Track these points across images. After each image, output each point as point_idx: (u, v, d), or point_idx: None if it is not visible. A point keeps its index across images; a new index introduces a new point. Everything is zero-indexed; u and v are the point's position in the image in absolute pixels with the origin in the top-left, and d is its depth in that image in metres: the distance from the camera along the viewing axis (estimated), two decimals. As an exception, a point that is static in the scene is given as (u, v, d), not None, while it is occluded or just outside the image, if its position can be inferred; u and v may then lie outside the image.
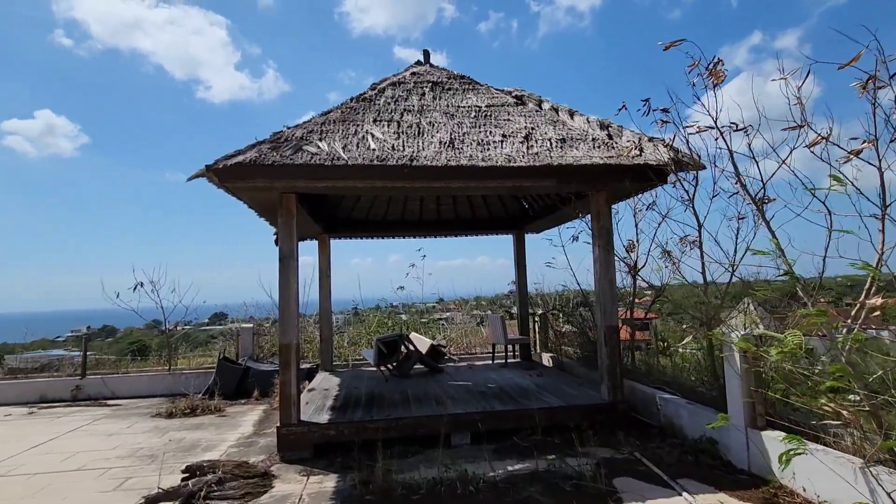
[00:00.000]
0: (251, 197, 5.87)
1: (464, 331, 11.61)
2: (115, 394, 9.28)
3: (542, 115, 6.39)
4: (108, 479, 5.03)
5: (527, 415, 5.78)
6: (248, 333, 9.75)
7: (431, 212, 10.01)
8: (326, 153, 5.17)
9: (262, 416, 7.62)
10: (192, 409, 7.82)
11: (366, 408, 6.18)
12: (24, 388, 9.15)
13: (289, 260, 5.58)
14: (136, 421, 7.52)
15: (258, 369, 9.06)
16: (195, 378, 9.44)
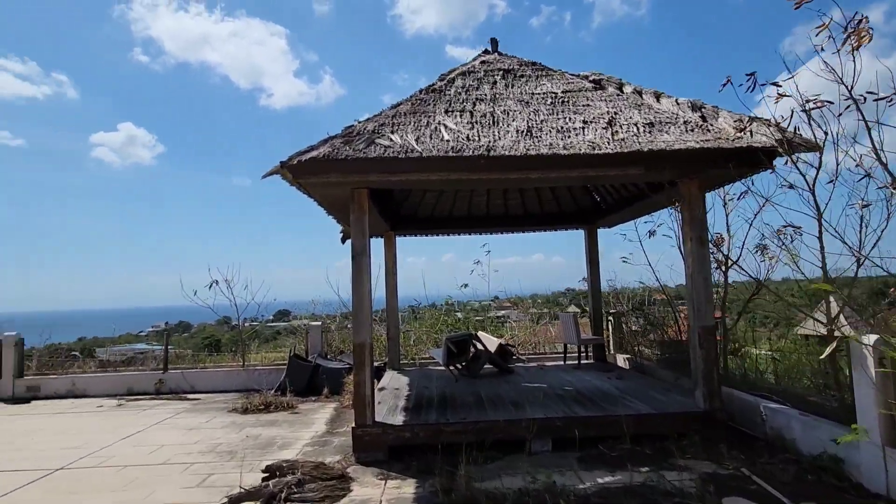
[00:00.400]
0: (323, 194, 5.80)
1: (532, 330, 11.21)
2: (193, 388, 9.63)
3: (625, 99, 5.92)
4: (192, 474, 5.09)
5: (613, 421, 5.36)
6: (317, 331, 9.84)
7: (498, 207, 9.70)
8: (399, 146, 4.99)
9: (334, 414, 7.60)
10: (266, 406, 7.94)
11: (439, 409, 5.97)
12: (114, 381, 9.67)
13: (361, 257, 5.45)
14: (214, 416, 7.71)
15: (328, 367, 9.10)
16: (267, 374, 9.63)
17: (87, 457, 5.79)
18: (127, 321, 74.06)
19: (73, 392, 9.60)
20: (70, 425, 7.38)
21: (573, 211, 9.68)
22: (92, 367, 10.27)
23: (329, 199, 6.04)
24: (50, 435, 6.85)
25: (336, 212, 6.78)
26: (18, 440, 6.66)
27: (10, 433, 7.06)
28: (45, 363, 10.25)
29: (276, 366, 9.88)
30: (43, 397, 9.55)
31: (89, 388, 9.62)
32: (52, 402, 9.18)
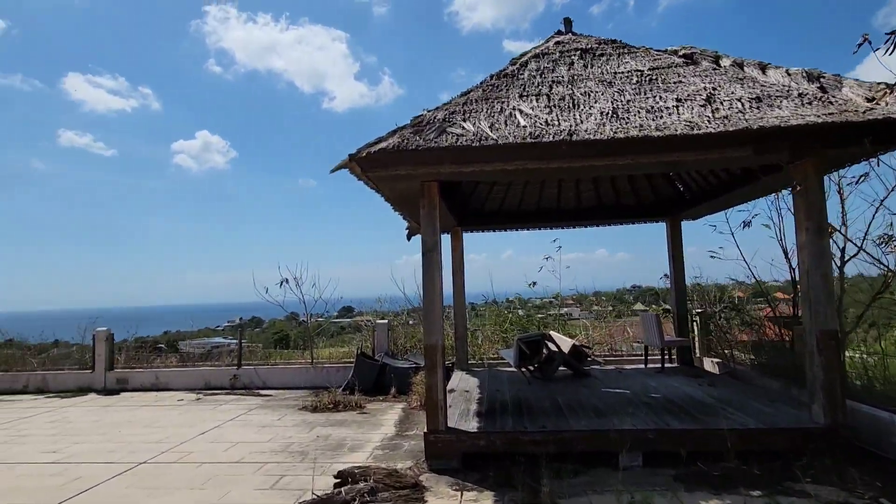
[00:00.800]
0: (391, 188, 5.58)
1: (608, 330, 10.55)
2: (265, 384, 9.81)
3: (723, 73, 5.27)
4: (264, 475, 5.02)
5: (713, 436, 4.77)
6: (383, 329, 9.73)
7: (570, 200, 9.16)
8: (472, 134, 4.65)
9: (402, 415, 7.41)
10: (335, 405, 7.88)
11: (514, 415, 5.60)
12: (193, 376, 10.03)
13: (432, 253, 5.18)
14: (285, 413, 7.74)
15: (395, 366, 8.95)
16: (335, 372, 9.64)
17: (168, 451, 5.90)
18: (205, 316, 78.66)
19: (156, 385, 10.05)
20: (154, 418, 7.66)
21: (653, 202, 8.96)
22: (173, 362, 10.74)
23: (398, 193, 5.81)
24: (136, 428, 7.11)
25: (404, 207, 6.55)
26: (109, 432, 6.95)
27: (101, 425, 7.40)
28: (132, 357, 10.83)
29: (344, 363, 9.87)
30: (131, 389, 10.07)
31: (171, 382, 10.04)
32: (138, 395, 9.65)
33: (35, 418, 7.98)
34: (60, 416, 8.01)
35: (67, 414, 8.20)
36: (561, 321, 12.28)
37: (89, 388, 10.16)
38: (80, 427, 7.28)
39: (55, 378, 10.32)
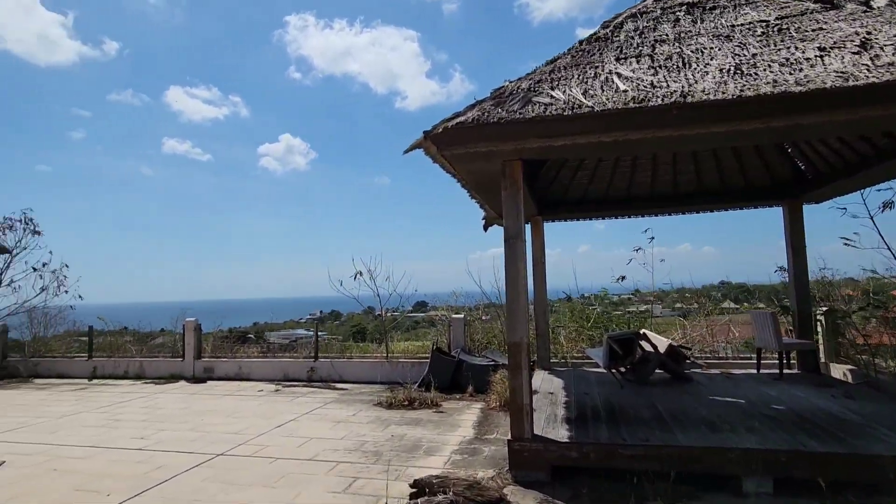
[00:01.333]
0: (469, 169, 5.08)
1: (710, 329, 9.44)
2: (341, 377, 9.73)
3: (877, 16, 4.26)
4: (338, 476, 4.75)
5: (867, 463, 3.86)
6: (460, 324, 9.31)
7: (665, 183, 8.21)
8: (563, 102, 4.05)
9: (481, 416, 6.94)
10: (409, 402, 7.57)
11: (609, 424, 4.94)
12: (273, 367, 10.18)
13: (515, 241, 4.63)
14: (360, 409, 7.53)
15: (472, 363, 8.50)
16: (410, 367, 9.36)
17: (244, 444, 5.83)
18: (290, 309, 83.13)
19: (239, 374, 10.31)
20: (234, 408, 7.74)
21: (767, 184, 7.81)
22: (255, 352, 10.99)
23: (476, 176, 5.31)
24: (217, 417, 7.19)
25: (483, 193, 6.05)
26: (193, 420, 7.07)
27: (187, 413, 7.58)
28: (218, 346, 11.22)
29: (419, 359, 9.57)
30: (216, 378, 10.41)
31: (252, 372, 10.25)
32: (222, 384, 9.93)
33: (131, 403, 8.37)
34: (152, 403, 8.34)
35: (158, 400, 8.53)
36: (641, 318, 11.28)
37: (180, 375, 10.63)
38: (168, 413, 7.49)
39: (150, 365, 10.90)
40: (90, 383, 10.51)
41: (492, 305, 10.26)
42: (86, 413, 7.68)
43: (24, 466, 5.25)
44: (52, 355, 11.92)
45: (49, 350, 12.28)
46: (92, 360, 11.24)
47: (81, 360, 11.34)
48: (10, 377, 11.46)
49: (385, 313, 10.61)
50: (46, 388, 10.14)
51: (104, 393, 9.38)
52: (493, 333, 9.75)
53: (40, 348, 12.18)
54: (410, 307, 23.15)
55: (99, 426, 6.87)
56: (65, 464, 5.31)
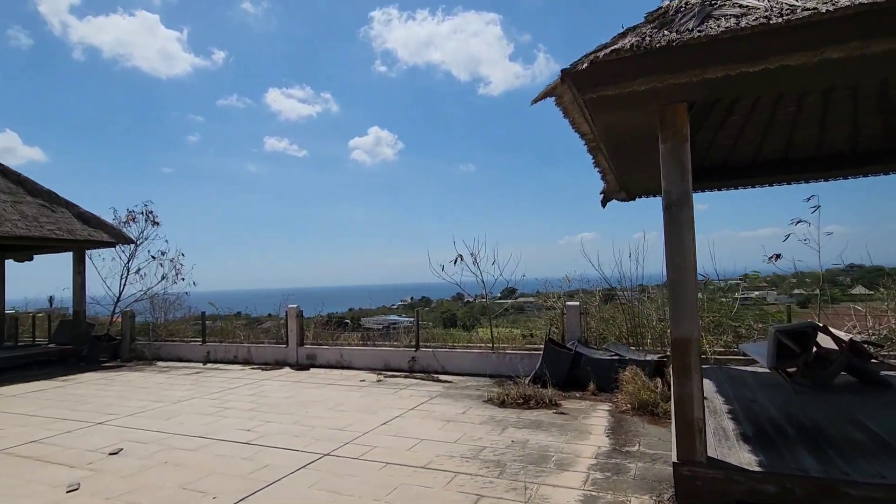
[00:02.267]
0: (609, 122, 4.08)
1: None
2: (444, 368, 9.13)
3: None
4: (458, 491, 4.03)
5: None
6: (575, 313, 8.28)
7: (838, 141, 6.56)
8: (765, 10, 2.92)
9: (612, 421, 5.93)
10: (524, 399, 6.74)
11: (808, 446, 3.75)
12: (374, 356, 9.82)
13: (680, 208, 3.59)
14: (470, 405, 6.83)
15: (593, 357, 7.47)
16: (518, 359, 8.53)
17: (351, 444, 5.33)
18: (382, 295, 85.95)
19: (340, 363, 10.08)
20: (338, 400, 7.38)
21: None
22: (355, 340, 10.74)
23: (616, 130, 4.28)
24: (321, 410, 6.84)
25: (620, 152, 4.98)
26: (298, 412, 6.78)
27: (292, 403, 7.34)
28: (319, 333, 11.12)
29: (528, 350, 8.70)
30: (318, 365, 10.27)
31: (353, 361, 9.97)
32: (324, 371, 9.75)
33: (239, 390, 8.35)
34: (258, 390, 8.26)
35: (265, 388, 8.44)
36: (757, 306, 9.51)
37: (284, 361, 10.65)
38: (273, 403, 7.29)
39: (257, 350, 11.04)
40: (203, 367, 10.84)
41: (611, 291, 9.05)
42: (198, 399, 7.71)
43: (139, 457, 5.13)
44: (171, 340, 12.57)
45: (169, 334, 12.99)
46: (206, 345, 11.64)
47: (196, 344, 11.80)
48: (137, 359, 12.22)
49: (485, 300, 9.83)
50: (166, 371, 10.59)
51: (215, 378, 9.54)
52: (614, 323, 8.61)
53: (161, 333, 12.90)
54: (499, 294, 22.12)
55: (209, 413, 6.79)
56: (175, 456, 5.12)
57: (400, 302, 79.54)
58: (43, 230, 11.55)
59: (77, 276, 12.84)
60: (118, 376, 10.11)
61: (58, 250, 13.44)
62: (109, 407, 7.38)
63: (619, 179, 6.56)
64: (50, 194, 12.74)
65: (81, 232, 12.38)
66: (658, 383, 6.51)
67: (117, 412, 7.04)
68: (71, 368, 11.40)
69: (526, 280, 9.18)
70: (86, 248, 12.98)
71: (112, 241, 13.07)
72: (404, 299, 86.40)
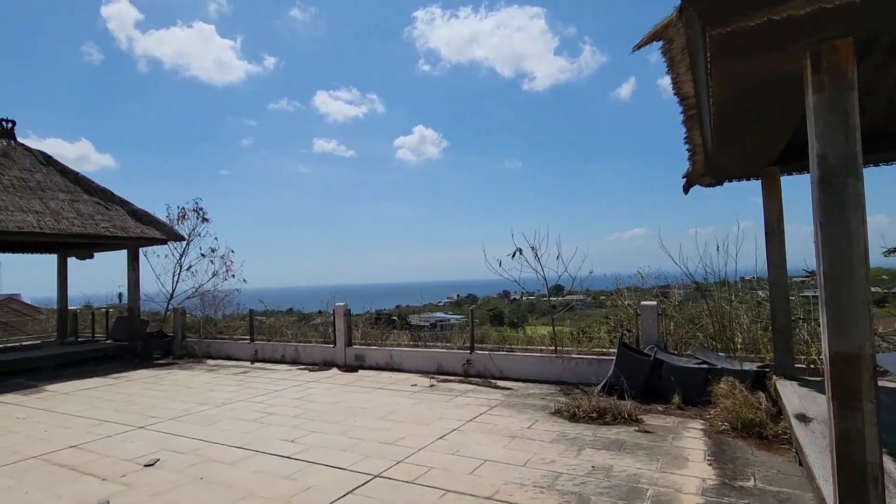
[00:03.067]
0: (736, 71, 3.16)
1: None
2: (502, 373, 8.36)
3: None
4: (538, 537, 3.27)
5: None
6: (652, 313, 7.30)
7: None
8: None
9: (710, 444, 4.98)
10: (599, 413, 5.88)
11: None
12: (425, 358, 9.17)
13: (843, 180, 2.68)
14: (535, 418, 6.03)
15: (676, 365, 6.51)
16: (586, 365, 7.64)
17: (404, 462, 4.67)
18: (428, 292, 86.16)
19: (390, 364, 9.50)
20: (388, 408, 6.76)
21: None
22: (405, 340, 10.13)
23: (743, 81, 3.33)
24: (370, 419, 6.24)
25: (737, 116, 4.00)
26: (345, 420, 6.21)
27: (338, 410, 6.79)
28: (368, 333, 10.59)
29: (597, 356, 7.80)
30: (367, 367, 9.74)
31: (404, 363, 9.37)
32: (373, 374, 9.19)
33: (284, 392, 7.90)
34: (304, 394, 7.77)
35: (311, 391, 7.95)
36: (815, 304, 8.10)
37: (332, 362, 10.19)
38: (319, 409, 6.76)
39: (305, 350, 10.65)
40: (251, 367, 10.56)
41: (698, 287, 7.93)
42: (242, 402, 7.30)
43: (175, 469, 4.67)
44: (220, 337, 12.43)
45: (219, 332, 12.87)
46: (253, 344, 11.38)
47: (244, 342, 11.56)
48: (188, 356, 12.15)
49: (546, 297, 8.97)
50: (215, 369, 10.37)
51: (262, 378, 9.18)
52: (696, 325, 7.57)
53: (211, 330, 12.79)
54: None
55: (252, 420, 6.32)
56: (212, 470, 4.62)
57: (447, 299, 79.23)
58: (98, 227, 11.63)
59: (131, 273, 12.93)
60: (168, 375, 9.95)
61: (114, 248, 13.61)
62: (154, 409, 7.08)
63: (713, 158, 5.57)
64: (105, 192, 12.88)
65: (134, 229, 12.42)
66: (761, 398, 5.50)
67: (161, 415, 6.71)
68: (126, 365, 11.42)
69: (591, 277, 8.24)
70: (139, 245, 13.05)
71: (164, 238, 13.08)
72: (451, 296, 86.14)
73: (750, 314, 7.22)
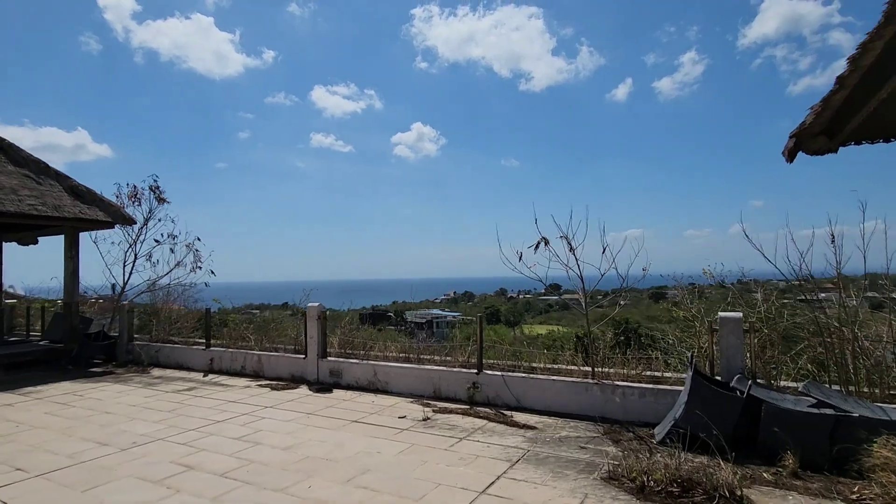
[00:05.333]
0: None
1: None
2: (520, 402, 6.31)
3: None
4: None
5: None
6: (736, 329, 5.22)
7: None
8: None
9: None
10: (683, 487, 3.83)
11: None
12: (419, 377, 7.11)
13: None
14: (584, 490, 3.98)
15: (783, 408, 4.45)
16: (637, 397, 5.62)
17: None
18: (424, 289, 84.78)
19: (374, 384, 7.44)
20: (362, 461, 4.70)
21: None
22: (395, 352, 8.05)
23: None
24: (332, 486, 4.17)
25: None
26: (294, 487, 4.15)
27: (291, 462, 4.73)
28: (348, 341, 8.50)
29: (651, 383, 5.76)
30: (344, 385, 7.68)
31: (391, 383, 7.30)
32: (351, 396, 7.13)
33: (227, 425, 5.84)
34: (253, 429, 5.70)
35: (263, 424, 5.89)
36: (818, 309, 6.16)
37: (301, 377, 8.12)
38: (265, 460, 4.69)
39: (269, 361, 8.57)
40: (203, 380, 8.48)
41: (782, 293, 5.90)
42: (161, 443, 5.23)
43: None
44: (173, 341, 10.33)
45: (173, 333, 10.76)
46: (209, 351, 9.29)
47: (200, 348, 9.47)
48: (133, 363, 10.06)
49: (582, 297, 6.88)
50: (156, 383, 8.28)
51: (208, 399, 7.11)
52: (794, 344, 5.51)
53: (161, 332, 10.67)
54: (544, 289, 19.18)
55: (156, 481, 4.25)
56: None
57: (443, 296, 77.71)
58: (21, 205, 9.49)
59: (68, 261, 10.78)
60: (92, 391, 7.85)
61: (48, 231, 11.48)
62: (31, 453, 4.99)
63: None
64: (38, 163, 10.73)
65: (71, 208, 10.29)
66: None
67: (32, 465, 4.63)
68: (51, 374, 9.31)
69: (648, 276, 6.17)
70: (79, 228, 10.89)
71: (110, 221, 10.94)
72: (447, 293, 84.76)
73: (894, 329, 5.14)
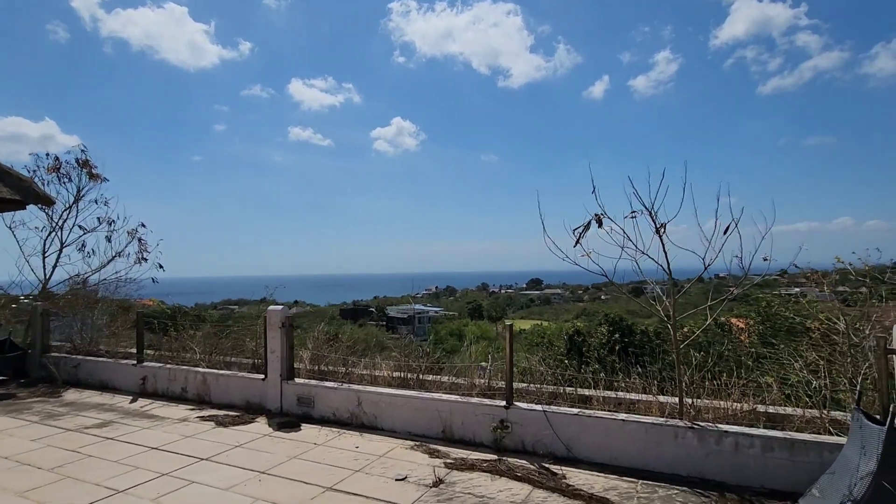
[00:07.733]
0: None
1: None
2: (570, 450, 4.38)
3: None
4: None
5: None
6: None
7: None
8: None
9: None
10: None
11: None
12: (422, 411, 5.10)
13: None
14: None
15: None
16: (759, 448, 3.76)
17: None
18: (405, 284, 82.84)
19: (357, 418, 5.44)
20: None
21: None
22: (388, 371, 6.03)
23: None
24: None
25: None
26: None
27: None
28: (321, 356, 6.44)
29: (780, 433, 3.91)
30: (317, 419, 5.66)
31: (381, 416, 5.31)
32: (326, 436, 5.11)
33: (142, 491, 3.78)
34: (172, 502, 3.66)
35: (189, 492, 3.85)
36: None
37: (259, 406, 6.07)
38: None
39: (217, 382, 6.49)
40: (128, 409, 6.37)
41: None
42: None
43: None
44: (98, 353, 8.13)
45: (99, 343, 8.54)
46: (142, 367, 7.15)
47: (129, 363, 7.31)
48: (46, 381, 7.86)
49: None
50: (61, 415, 6.14)
51: (123, 443, 5.03)
52: None
53: (84, 341, 8.45)
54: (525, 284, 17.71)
55: None
56: None
57: (425, 291, 75.43)
58: None
59: (-36, 251, 8.47)
60: (-35, 427, 5.67)
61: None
62: None
63: None
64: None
65: (-37, 183, 7.99)
66: None
67: None
68: (-70, 398, 7.06)
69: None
70: (-23, 209, 8.58)
71: (19, 200, 8.64)
72: (429, 288, 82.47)
73: None
